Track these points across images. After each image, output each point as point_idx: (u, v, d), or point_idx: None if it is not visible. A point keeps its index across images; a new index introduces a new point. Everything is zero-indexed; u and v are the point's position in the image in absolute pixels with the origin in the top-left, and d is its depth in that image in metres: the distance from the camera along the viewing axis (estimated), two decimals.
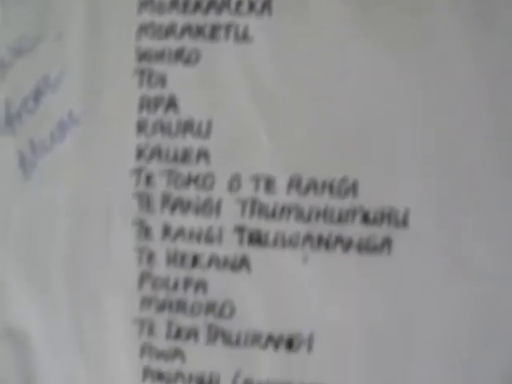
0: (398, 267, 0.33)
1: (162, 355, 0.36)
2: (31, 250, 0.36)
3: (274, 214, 0.34)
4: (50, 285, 0.36)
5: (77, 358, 0.36)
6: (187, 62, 0.34)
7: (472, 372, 0.33)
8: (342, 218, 0.33)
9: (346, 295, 0.34)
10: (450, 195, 0.33)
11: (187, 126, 0.34)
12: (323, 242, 0.34)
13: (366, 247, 0.33)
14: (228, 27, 0.34)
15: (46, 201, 0.36)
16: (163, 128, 0.35)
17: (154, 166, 0.35)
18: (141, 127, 0.35)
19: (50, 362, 0.37)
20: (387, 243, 0.33)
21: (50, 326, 0.37)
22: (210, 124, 0.34)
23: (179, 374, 0.36)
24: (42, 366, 0.37)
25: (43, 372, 0.37)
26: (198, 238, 0.34)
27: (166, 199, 0.35)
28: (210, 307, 0.35)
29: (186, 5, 0.34)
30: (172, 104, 0.35)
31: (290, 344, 0.34)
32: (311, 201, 0.34)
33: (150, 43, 0.35)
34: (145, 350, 0.36)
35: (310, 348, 0.34)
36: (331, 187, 0.33)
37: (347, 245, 0.33)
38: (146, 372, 0.36)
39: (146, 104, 0.35)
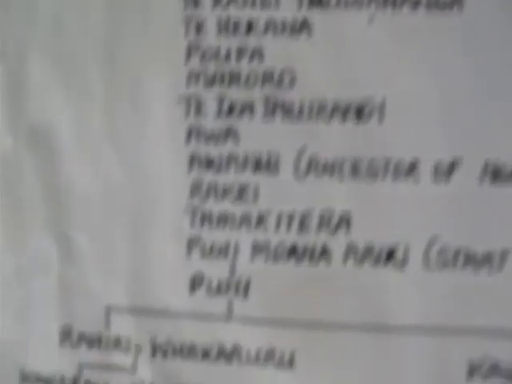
0: (470, 25, 0.31)
1: (211, 137, 0.31)
2: (60, 30, 0.32)
3: None
4: (82, 69, 0.32)
5: (112, 153, 0.32)
6: None
7: None
8: None
9: (417, 55, 0.30)
10: None
11: None
12: (389, 1, 0.31)
13: (435, 4, 0.31)
14: None
15: None
16: None
17: None
18: None
19: (80, 163, 0.32)
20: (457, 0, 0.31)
21: (81, 119, 0.32)
22: None
23: (232, 157, 0.31)
24: (70, 168, 0.32)
25: (71, 176, 0.32)
26: (253, 2, 0.31)
27: None
28: (268, 77, 0.31)
29: None
30: None
31: (359, 113, 0.31)
32: None
33: None
34: (191, 133, 0.31)
35: (381, 117, 0.30)
36: None
37: (415, 2, 0.31)
38: (193, 159, 0.31)
39: None
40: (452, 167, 0.30)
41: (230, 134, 0.31)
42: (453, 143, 0.30)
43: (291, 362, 0.31)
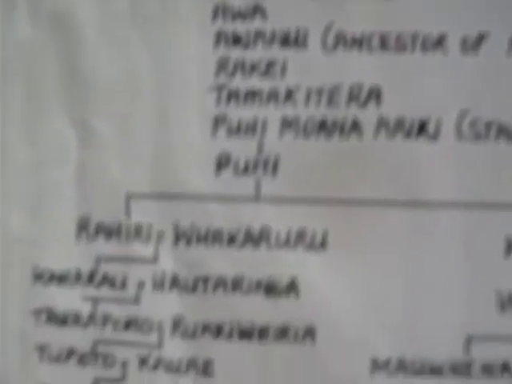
0: None
1: (238, 15, 0.31)
2: None
3: None
4: None
5: (135, 34, 0.31)
6: None
7: None
8: None
9: None
10: None
11: None
12: None
13: None
14: None
15: None
16: None
17: None
18: None
19: (102, 47, 0.31)
20: None
21: (104, 2, 0.31)
22: None
23: (259, 34, 0.31)
24: (92, 53, 0.31)
25: (93, 61, 0.31)
26: None
27: None
28: None
29: None
30: None
31: None
32: None
33: None
34: (218, 10, 0.31)
35: None
36: None
37: None
38: (219, 36, 0.31)
39: None
40: (480, 40, 0.30)
41: (257, 10, 0.31)
42: (479, 17, 0.30)
43: (323, 243, 0.30)
